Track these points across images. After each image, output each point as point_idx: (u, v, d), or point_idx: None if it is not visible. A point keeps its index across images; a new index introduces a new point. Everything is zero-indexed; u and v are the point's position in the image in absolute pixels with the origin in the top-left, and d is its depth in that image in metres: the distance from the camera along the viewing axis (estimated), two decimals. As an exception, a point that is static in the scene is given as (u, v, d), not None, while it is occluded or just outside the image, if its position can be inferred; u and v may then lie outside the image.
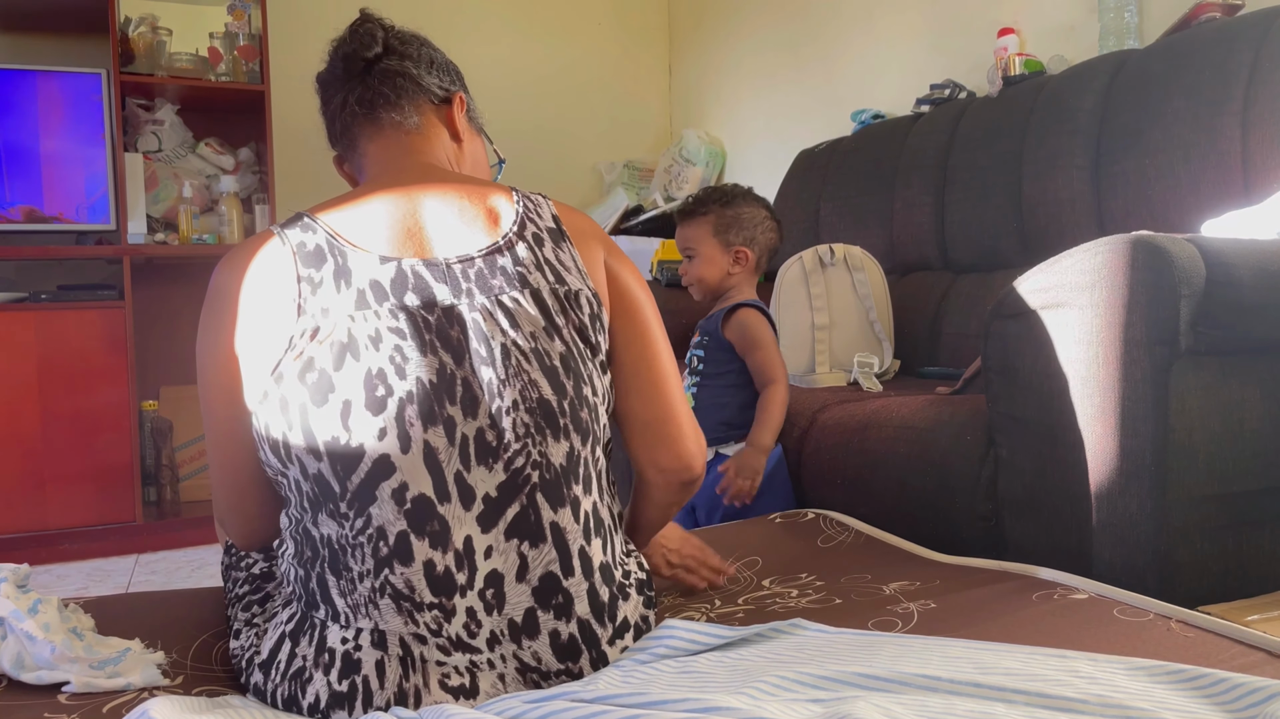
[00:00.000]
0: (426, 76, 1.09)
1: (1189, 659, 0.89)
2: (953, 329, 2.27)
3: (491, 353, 0.91)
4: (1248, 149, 1.73)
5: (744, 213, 1.89)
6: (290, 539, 0.95)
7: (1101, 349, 1.22)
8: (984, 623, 1.03)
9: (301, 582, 0.92)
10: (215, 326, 0.94)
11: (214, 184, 3.15)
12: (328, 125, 1.12)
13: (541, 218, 1.01)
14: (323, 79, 1.11)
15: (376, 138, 1.07)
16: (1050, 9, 2.44)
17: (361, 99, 1.07)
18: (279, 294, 0.91)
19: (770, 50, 3.52)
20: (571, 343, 0.95)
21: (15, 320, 2.73)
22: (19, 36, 3.11)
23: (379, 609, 0.87)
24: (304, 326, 0.89)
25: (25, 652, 0.94)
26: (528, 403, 0.91)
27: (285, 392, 0.88)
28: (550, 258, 0.98)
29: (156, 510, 3.01)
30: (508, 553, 0.89)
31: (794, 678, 0.82)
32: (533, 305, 0.94)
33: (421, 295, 0.91)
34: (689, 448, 1.07)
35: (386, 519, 0.86)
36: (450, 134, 1.12)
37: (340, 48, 1.09)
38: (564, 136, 3.93)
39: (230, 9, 3.09)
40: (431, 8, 3.67)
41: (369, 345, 0.88)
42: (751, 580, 1.26)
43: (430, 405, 0.88)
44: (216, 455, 0.99)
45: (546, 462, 0.91)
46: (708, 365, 1.85)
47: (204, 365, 0.96)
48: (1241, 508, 1.27)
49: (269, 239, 0.94)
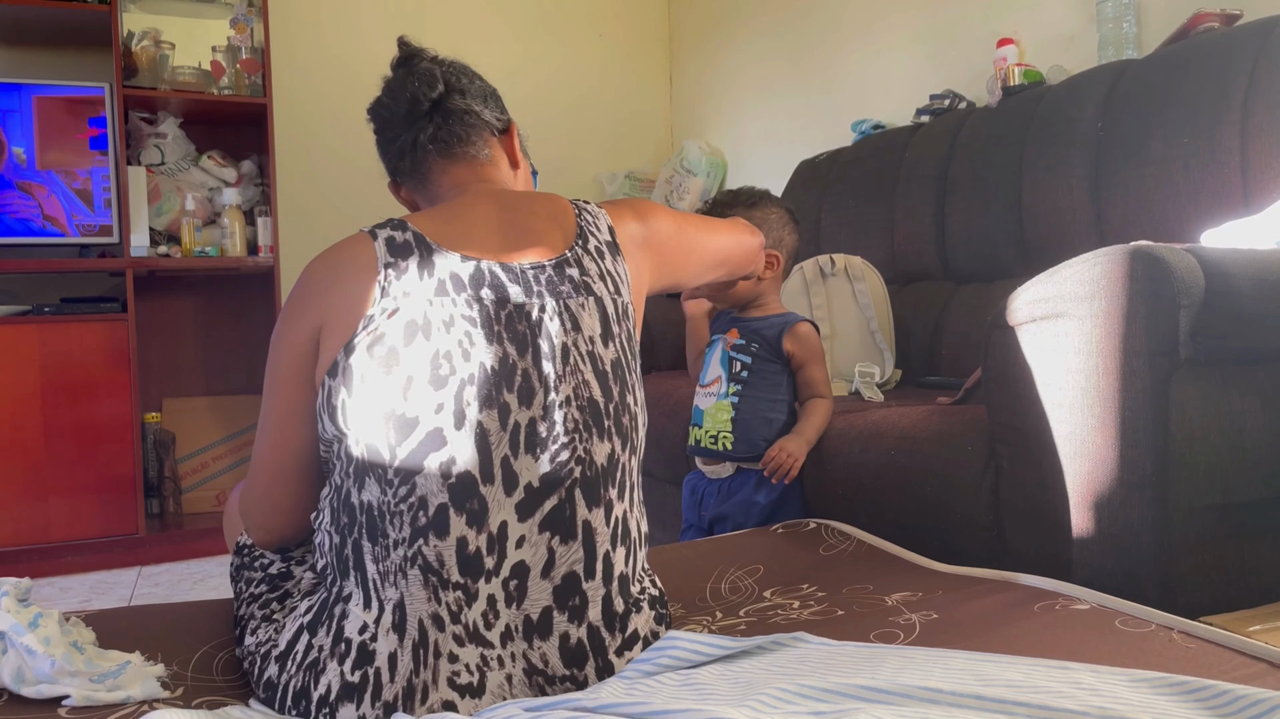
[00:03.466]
0: (486, 111, 1.16)
1: (1191, 670, 0.89)
2: (954, 339, 2.27)
3: (553, 350, 0.97)
4: (1247, 158, 1.73)
5: (771, 215, 1.78)
6: (328, 508, 0.98)
7: (1101, 360, 1.22)
8: (986, 634, 1.03)
9: (335, 549, 0.96)
10: (297, 311, 0.99)
11: (216, 196, 3.16)
12: (393, 159, 1.17)
13: (600, 230, 1.08)
14: (383, 116, 1.15)
15: (451, 170, 1.14)
16: (1049, 19, 2.45)
17: (435, 138, 1.12)
18: (364, 279, 0.96)
19: (771, 60, 3.53)
20: (622, 351, 1.03)
21: (19, 333, 2.74)
22: (23, 51, 3.13)
23: (407, 580, 0.91)
24: (385, 306, 0.94)
25: (26, 666, 0.94)
26: (579, 400, 0.97)
27: (354, 363, 0.93)
28: (610, 269, 1.06)
29: (159, 523, 3.01)
30: (539, 545, 0.94)
31: (796, 690, 0.82)
32: (595, 312, 1.01)
33: (497, 292, 0.98)
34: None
35: (430, 490, 0.91)
36: (510, 161, 1.19)
37: (402, 87, 1.13)
38: (565, 147, 3.94)
39: (233, 23, 3.11)
40: (433, 18, 3.69)
41: (441, 328, 0.94)
42: (753, 590, 1.26)
43: (489, 389, 0.93)
44: (266, 440, 1.04)
45: (590, 459, 0.97)
46: (754, 375, 1.74)
47: (277, 347, 1.01)
48: (1243, 518, 1.26)
49: (359, 236, 1.00)
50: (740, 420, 1.73)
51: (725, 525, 1.76)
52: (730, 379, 1.76)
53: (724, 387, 1.76)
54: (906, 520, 1.52)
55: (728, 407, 1.75)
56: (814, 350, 1.76)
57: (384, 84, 1.16)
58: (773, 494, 1.72)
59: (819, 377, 1.76)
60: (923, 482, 1.50)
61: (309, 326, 0.97)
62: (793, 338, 1.75)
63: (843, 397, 2.09)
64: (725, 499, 1.77)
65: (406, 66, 1.14)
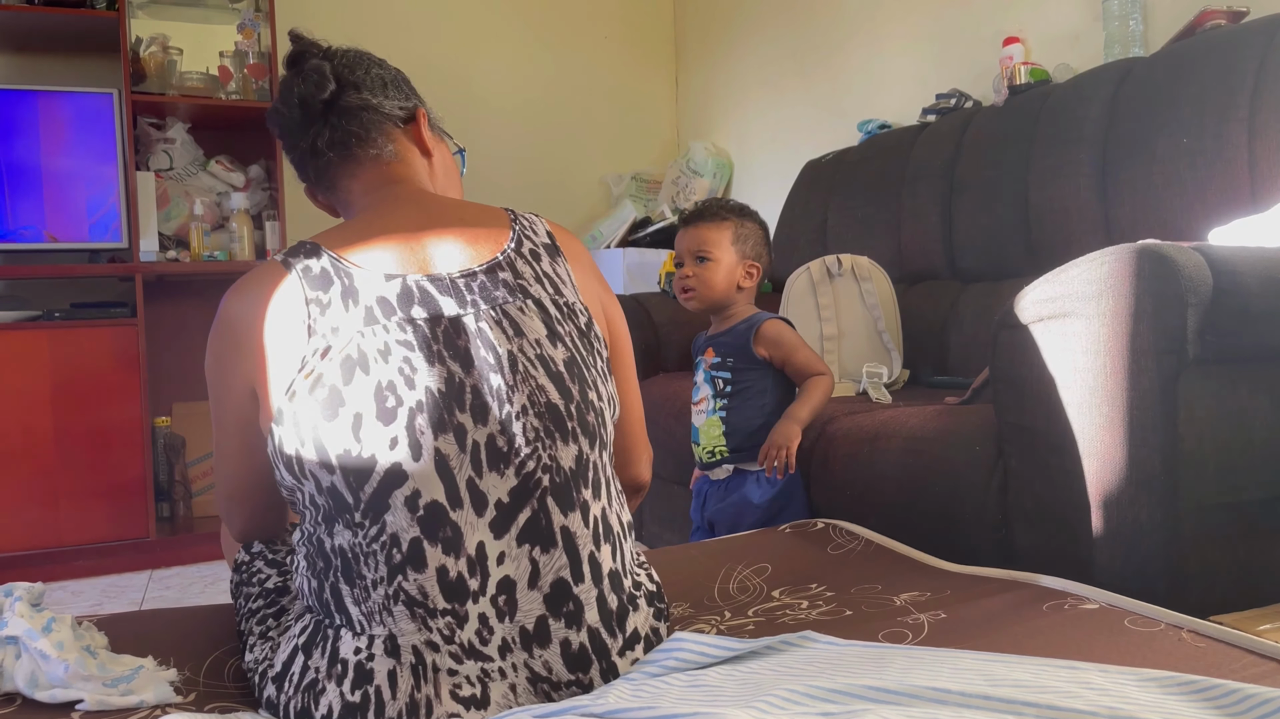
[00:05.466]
0: (386, 102, 1.09)
1: (1201, 670, 0.89)
2: (961, 338, 2.27)
3: (499, 360, 0.93)
4: (1254, 156, 1.73)
5: (757, 230, 1.86)
6: (304, 554, 0.96)
7: (1109, 359, 1.22)
8: (994, 634, 1.03)
9: (315, 593, 0.94)
10: (228, 356, 0.96)
11: (224, 201, 3.17)
12: (297, 165, 1.13)
13: (537, 234, 1.04)
14: (279, 123, 1.11)
15: (358, 174, 1.08)
16: (1055, 18, 2.45)
17: (332, 142, 1.07)
18: (289, 318, 0.92)
19: (776, 61, 3.53)
20: (575, 349, 0.98)
21: (29, 338, 2.75)
22: (32, 58, 3.15)
23: (393, 616, 0.88)
24: (315, 346, 0.91)
25: (39, 670, 0.95)
26: (536, 407, 0.93)
27: (298, 409, 0.90)
28: (548, 270, 1.01)
29: (170, 526, 3.02)
30: (520, 559, 0.91)
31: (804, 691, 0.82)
32: (536, 314, 0.96)
33: (428, 308, 0.93)
34: (644, 470, 1.22)
35: (400, 526, 0.88)
36: (420, 151, 1.13)
37: (291, 90, 1.07)
38: (571, 149, 3.94)
39: (240, 28, 3.12)
40: (439, 23, 3.69)
41: (378, 359, 0.90)
42: (761, 590, 1.26)
43: (440, 414, 0.89)
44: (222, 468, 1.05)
45: (556, 465, 0.93)
46: (736, 386, 1.79)
47: (218, 395, 0.99)
48: (1252, 516, 1.26)
49: (274, 267, 0.96)
50: (731, 432, 1.78)
51: (721, 524, 1.78)
52: (716, 395, 1.82)
53: (711, 404, 1.82)
54: (914, 520, 1.52)
55: (717, 422, 1.80)
56: (788, 343, 1.78)
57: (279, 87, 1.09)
58: (769, 493, 1.73)
59: (804, 359, 1.78)
60: (931, 481, 1.50)
61: (242, 375, 0.95)
62: (761, 342, 1.79)
63: (850, 397, 2.09)
64: (723, 498, 1.79)
65: (295, 67, 1.08)
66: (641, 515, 2.53)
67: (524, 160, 3.86)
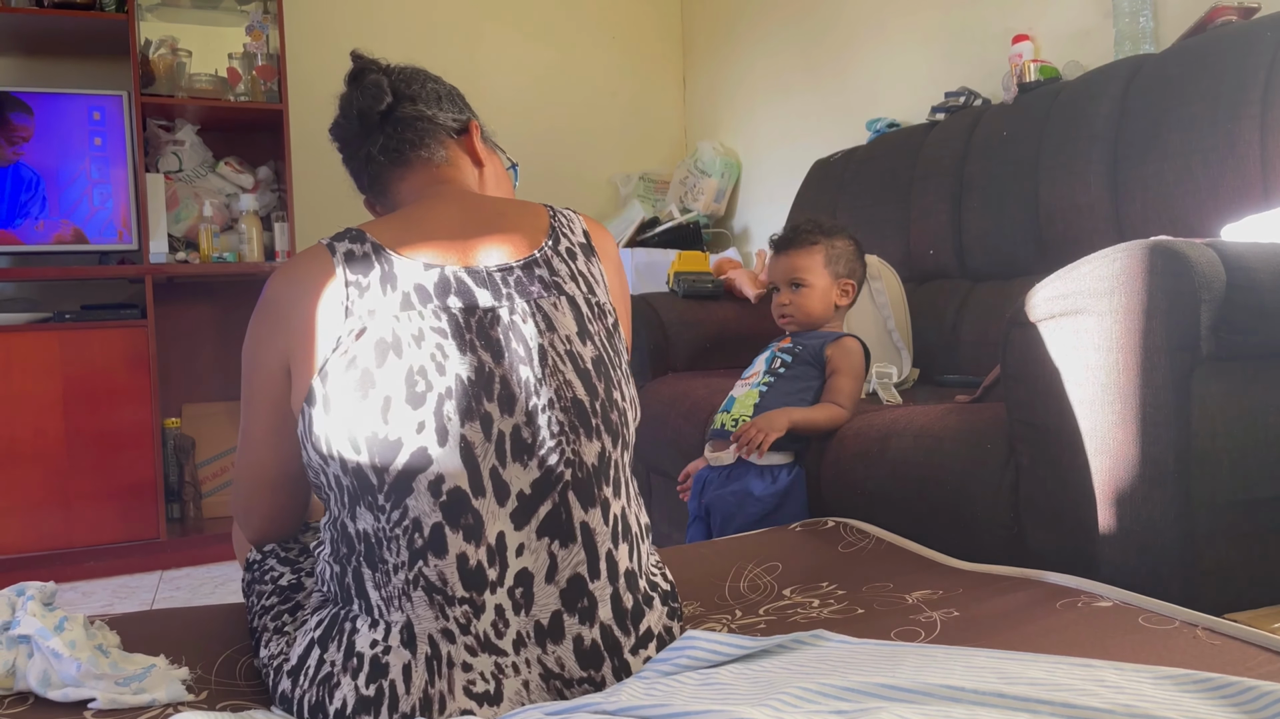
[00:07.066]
0: (440, 114, 1.14)
1: (1216, 667, 0.88)
2: (971, 337, 2.26)
3: (529, 353, 0.95)
4: (1266, 152, 1.71)
5: (849, 247, 1.87)
6: (329, 538, 0.98)
7: (1121, 356, 1.21)
8: (1008, 632, 1.02)
9: (337, 578, 0.95)
10: (266, 334, 0.98)
11: (234, 203, 3.18)
12: (355, 175, 1.17)
13: (574, 233, 1.06)
14: (340, 135, 1.16)
15: (408, 177, 1.12)
16: (1065, 15, 2.44)
17: (386, 149, 1.11)
18: (328, 298, 0.95)
19: (784, 60, 3.52)
20: (603, 348, 1.00)
21: (39, 340, 2.77)
22: (42, 60, 3.16)
23: (411, 602, 0.90)
24: (351, 327, 0.93)
25: (51, 669, 0.95)
26: (563, 402, 0.95)
27: (330, 389, 0.92)
28: (583, 269, 1.03)
29: (180, 527, 3.03)
30: (539, 552, 0.92)
31: (817, 689, 0.81)
32: (568, 311, 0.98)
33: (464, 299, 0.96)
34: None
35: (422, 511, 0.89)
36: (473, 161, 1.16)
37: (351, 104, 1.12)
38: (579, 149, 3.94)
39: (248, 30, 3.13)
40: (444, 23, 3.70)
41: (411, 343, 0.92)
42: (773, 588, 1.26)
43: (468, 401, 0.91)
44: (245, 457, 1.05)
45: (579, 460, 0.94)
46: (789, 371, 1.82)
47: (252, 371, 1.00)
48: (1267, 514, 1.25)
49: (317, 250, 0.99)
50: (763, 407, 1.78)
51: (718, 511, 1.78)
52: (767, 373, 1.83)
53: (760, 379, 1.83)
54: (926, 518, 1.51)
55: (755, 394, 1.81)
56: (852, 364, 1.80)
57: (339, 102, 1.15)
58: (770, 488, 1.73)
59: (843, 384, 1.78)
60: (942, 480, 1.50)
61: (278, 352, 0.97)
62: (836, 346, 1.81)
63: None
64: (723, 485, 1.79)
65: (356, 83, 1.13)
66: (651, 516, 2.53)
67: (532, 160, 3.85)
